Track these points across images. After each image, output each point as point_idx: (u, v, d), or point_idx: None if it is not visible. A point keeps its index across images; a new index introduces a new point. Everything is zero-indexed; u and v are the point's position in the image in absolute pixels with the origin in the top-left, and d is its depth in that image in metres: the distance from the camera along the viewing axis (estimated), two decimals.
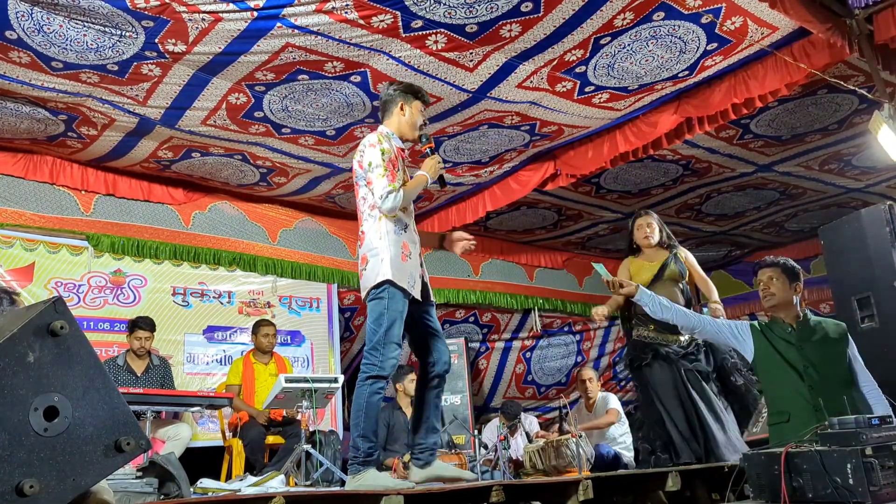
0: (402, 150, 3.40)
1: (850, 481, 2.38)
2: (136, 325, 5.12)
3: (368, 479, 3.07)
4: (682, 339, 4.23)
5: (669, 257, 4.38)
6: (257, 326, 5.63)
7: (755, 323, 3.38)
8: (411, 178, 3.37)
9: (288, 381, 4.54)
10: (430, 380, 3.35)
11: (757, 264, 3.56)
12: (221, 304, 6.27)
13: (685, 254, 4.55)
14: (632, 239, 4.52)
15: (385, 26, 3.96)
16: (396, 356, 3.15)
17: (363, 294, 3.26)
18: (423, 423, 3.36)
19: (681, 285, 4.37)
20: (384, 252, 3.15)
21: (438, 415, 3.41)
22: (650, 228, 4.44)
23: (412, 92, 3.38)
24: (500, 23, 4.03)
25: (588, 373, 6.23)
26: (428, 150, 3.37)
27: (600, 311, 4.25)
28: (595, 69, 4.62)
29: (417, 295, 3.24)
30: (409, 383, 5.98)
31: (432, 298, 3.43)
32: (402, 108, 3.36)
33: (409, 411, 6.33)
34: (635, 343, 4.32)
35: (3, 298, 3.00)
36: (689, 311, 3.58)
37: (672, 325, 3.95)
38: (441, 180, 3.36)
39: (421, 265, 3.33)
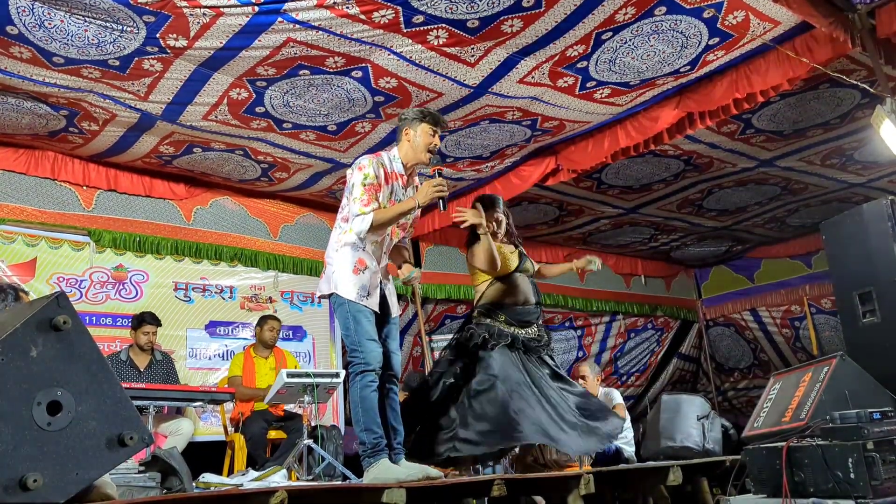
0: (402, 175, 3.48)
1: (852, 476, 2.39)
2: (143, 319, 5.15)
3: (381, 472, 3.14)
4: (531, 330, 4.06)
5: (521, 252, 4.20)
6: (263, 320, 5.65)
7: None
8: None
9: (290, 376, 4.55)
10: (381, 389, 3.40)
11: None
12: (223, 299, 6.28)
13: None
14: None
15: (386, 21, 3.96)
16: (375, 348, 3.29)
17: (318, 295, 3.52)
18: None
19: (532, 280, 4.15)
20: (336, 263, 3.37)
21: (397, 416, 3.49)
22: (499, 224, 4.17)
23: (419, 116, 3.46)
24: (502, 18, 4.02)
25: (582, 370, 6.12)
26: (435, 172, 3.40)
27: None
28: (597, 64, 4.61)
29: (374, 307, 3.37)
30: None
31: (393, 313, 3.54)
32: (406, 134, 3.48)
33: None
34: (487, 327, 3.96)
35: (8, 294, 3.02)
36: None
37: (527, 318, 3.93)
38: (442, 203, 3.35)
39: (381, 281, 3.45)
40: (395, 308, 3.57)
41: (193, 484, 3.40)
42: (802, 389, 3.13)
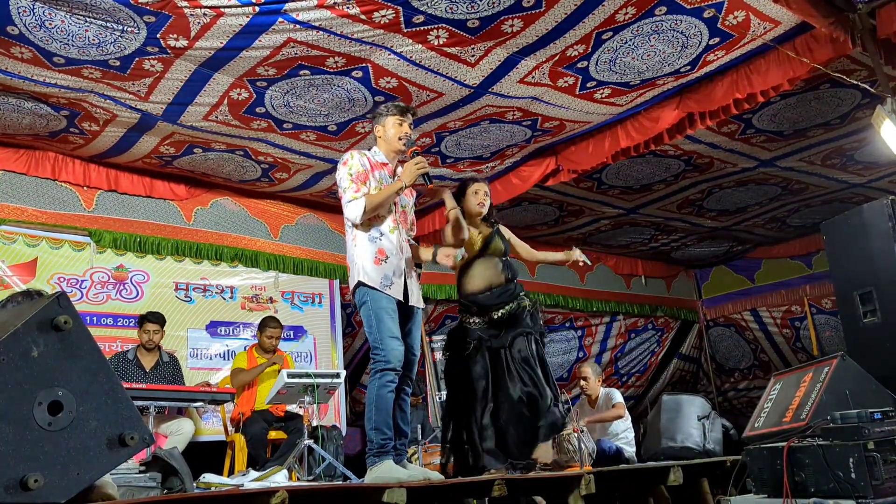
0: (385, 164, 3.62)
1: (853, 475, 2.39)
2: (146, 318, 5.19)
3: (383, 472, 3.16)
4: (500, 312, 4.03)
5: (493, 232, 4.21)
6: (264, 325, 5.63)
7: None
8: None
9: (290, 376, 4.55)
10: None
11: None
12: (224, 299, 6.28)
13: (507, 232, 4.34)
14: (462, 205, 4.14)
15: (387, 21, 3.96)
16: (397, 346, 3.33)
17: (351, 300, 3.57)
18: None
19: (503, 259, 4.16)
20: (358, 258, 3.46)
21: (405, 418, 3.51)
22: (485, 197, 4.22)
23: (384, 111, 3.64)
24: (502, 18, 4.02)
25: (584, 370, 6.11)
26: (412, 153, 3.55)
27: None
28: (597, 64, 4.61)
29: (398, 296, 3.43)
30: None
31: (414, 303, 3.57)
32: (377, 131, 3.66)
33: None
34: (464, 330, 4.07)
35: (34, 298, 3.01)
36: None
37: (498, 300, 3.96)
38: (426, 178, 3.52)
39: (405, 270, 3.51)
40: (418, 299, 3.59)
41: (194, 484, 3.39)
42: (803, 389, 3.13)
